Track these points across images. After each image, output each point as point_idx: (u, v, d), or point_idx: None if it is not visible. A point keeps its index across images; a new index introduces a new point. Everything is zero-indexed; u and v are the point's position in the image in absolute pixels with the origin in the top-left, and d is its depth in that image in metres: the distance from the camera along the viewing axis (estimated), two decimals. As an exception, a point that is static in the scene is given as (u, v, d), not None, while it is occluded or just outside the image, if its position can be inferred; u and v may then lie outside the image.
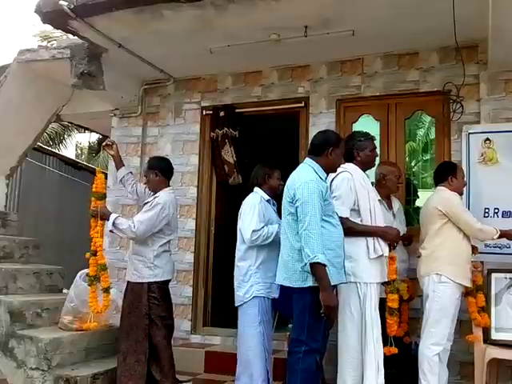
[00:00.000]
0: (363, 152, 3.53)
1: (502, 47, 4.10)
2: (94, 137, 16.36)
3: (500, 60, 4.33)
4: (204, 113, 5.60)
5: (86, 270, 4.53)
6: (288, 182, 3.22)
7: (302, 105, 5.17)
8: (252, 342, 3.63)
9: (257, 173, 3.95)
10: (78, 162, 10.21)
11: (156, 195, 4.02)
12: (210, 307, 5.49)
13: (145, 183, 4.26)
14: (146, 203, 4.03)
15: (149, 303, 3.86)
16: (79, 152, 17.74)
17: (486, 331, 3.81)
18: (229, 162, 5.42)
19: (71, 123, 9.41)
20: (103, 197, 4.13)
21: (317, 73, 5.14)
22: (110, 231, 3.94)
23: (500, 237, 3.80)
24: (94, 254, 4.02)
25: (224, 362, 4.70)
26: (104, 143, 4.46)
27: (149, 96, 5.85)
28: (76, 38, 4.78)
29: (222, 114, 5.43)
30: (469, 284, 3.71)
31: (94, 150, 16.97)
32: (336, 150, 3.26)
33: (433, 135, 5.13)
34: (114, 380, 3.89)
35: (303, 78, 5.19)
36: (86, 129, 9.68)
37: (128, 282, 4.01)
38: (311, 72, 5.16)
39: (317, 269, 2.92)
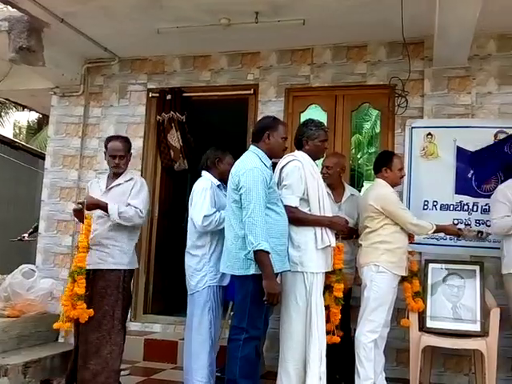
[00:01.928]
0: (313, 141, 3.51)
1: (446, 45, 4.21)
2: (34, 116, 15.72)
3: (444, 57, 4.45)
4: (150, 95, 5.47)
5: (29, 266, 4.35)
6: (233, 169, 3.19)
7: (251, 92, 5.14)
8: (200, 330, 3.57)
9: (208, 156, 3.84)
10: (14, 141, 9.77)
11: (130, 176, 3.78)
12: (151, 294, 5.40)
13: (116, 164, 3.73)
14: (117, 185, 3.72)
15: (123, 291, 3.62)
16: (17, 131, 17.00)
17: (422, 320, 3.94)
18: (175, 147, 5.32)
19: (8, 100, 8.99)
20: None
21: (267, 60, 5.11)
22: (114, 221, 3.56)
23: (437, 231, 3.91)
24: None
25: (164, 350, 4.65)
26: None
27: (92, 75, 5.64)
28: (15, 10, 4.52)
29: (168, 97, 5.31)
30: (404, 273, 3.81)
31: (33, 129, 16.32)
32: (273, 133, 3.23)
33: (378, 128, 5.23)
34: (48, 368, 3.74)
35: (253, 64, 5.15)
36: (25, 107, 9.26)
37: (94, 269, 3.58)
38: (261, 59, 5.13)
39: (260, 256, 2.91)
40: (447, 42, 4.15)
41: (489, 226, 4.16)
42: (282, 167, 3.37)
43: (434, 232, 3.87)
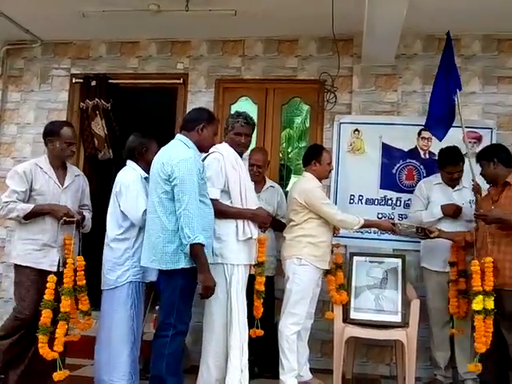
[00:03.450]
0: (229, 133, 3.48)
1: (374, 43, 4.28)
2: None
3: (372, 55, 4.54)
4: (74, 81, 5.22)
5: None
6: (163, 158, 3.05)
7: (181, 81, 5.03)
8: (121, 326, 3.37)
9: (133, 144, 3.59)
10: None
11: (78, 172, 3.76)
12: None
13: (72, 152, 3.63)
14: (72, 182, 3.66)
15: None
16: None
17: (346, 311, 4.01)
18: (99, 136, 5.11)
19: None
20: None
21: (197, 50, 5.01)
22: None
23: (368, 226, 3.98)
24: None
25: (83, 346, 4.44)
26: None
27: (12, 57, 5.31)
28: None
29: (93, 83, 5.09)
30: (327, 267, 3.86)
31: None
32: (208, 127, 3.17)
33: (309, 123, 5.27)
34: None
35: (183, 53, 5.04)
36: None
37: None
38: (192, 49, 5.02)
39: (197, 250, 2.85)
40: (375, 40, 4.22)
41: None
42: (203, 159, 3.31)
43: (364, 227, 3.93)
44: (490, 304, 3.32)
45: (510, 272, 3.41)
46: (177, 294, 2.95)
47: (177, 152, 3.02)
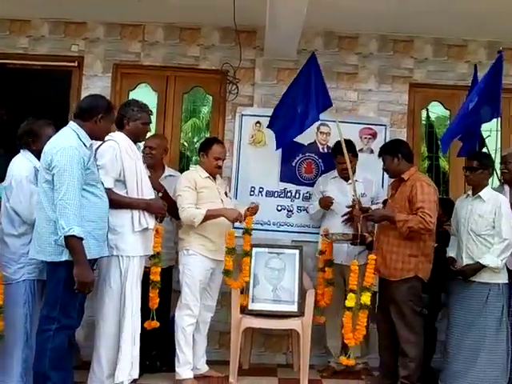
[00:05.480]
0: (134, 123, 3.36)
1: (276, 36, 4.30)
2: None
3: (274, 48, 4.56)
4: (-46, 59, 4.77)
5: None
6: (46, 146, 2.91)
7: (75, 64, 4.76)
8: (13, 325, 3.19)
9: (24, 130, 3.38)
10: None
11: None
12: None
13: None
14: None
15: None
16: None
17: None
18: (-16, 120, 4.73)
19: None
20: None
21: (93, 32, 4.76)
22: None
23: (208, 218, 3.70)
24: None
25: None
26: None
27: None
28: None
29: (-23, 62, 4.68)
30: (220, 257, 3.81)
31: None
32: (106, 117, 3.04)
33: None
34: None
35: (78, 35, 4.76)
36: None
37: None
38: (88, 31, 4.76)
39: (72, 242, 2.73)
40: (277, 34, 4.24)
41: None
42: (98, 147, 3.19)
43: (208, 218, 3.70)
44: (367, 299, 3.49)
45: (396, 264, 3.59)
46: (61, 287, 2.82)
47: (58, 141, 2.89)
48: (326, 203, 4.20)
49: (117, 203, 3.14)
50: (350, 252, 4.04)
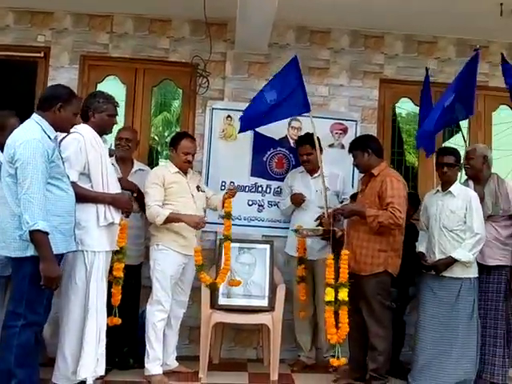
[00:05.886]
0: (100, 114, 3.29)
1: (247, 29, 4.27)
2: None
3: (245, 42, 4.52)
4: None
5: None
6: (9, 139, 2.83)
7: (42, 55, 4.63)
8: None
9: None
10: None
11: None
12: None
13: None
14: None
15: None
16: None
17: (215, 297, 3.99)
18: None
19: None
20: None
21: (60, 22, 4.64)
22: None
23: (170, 221, 3.69)
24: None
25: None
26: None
27: None
28: None
29: None
30: (190, 252, 3.76)
31: None
32: (66, 106, 2.95)
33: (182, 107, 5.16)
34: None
35: (45, 25, 4.63)
36: None
37: None
38: (54, 21, 4.64)
39: (37, 237, 2.67)
40: (248, 27, 4.20)
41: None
42: (61, 140, 3.10)
43: (169, 221, 3.69)
44: (344, 295, 3.47)
45: (365, 258, 3.62)
46: (26, 282, 2.76)
47: (21, 133, 2.81)
48: (298, 200, 4.19)
49: (82, 197, 3.08)
50: (313, 246, 4.06)
